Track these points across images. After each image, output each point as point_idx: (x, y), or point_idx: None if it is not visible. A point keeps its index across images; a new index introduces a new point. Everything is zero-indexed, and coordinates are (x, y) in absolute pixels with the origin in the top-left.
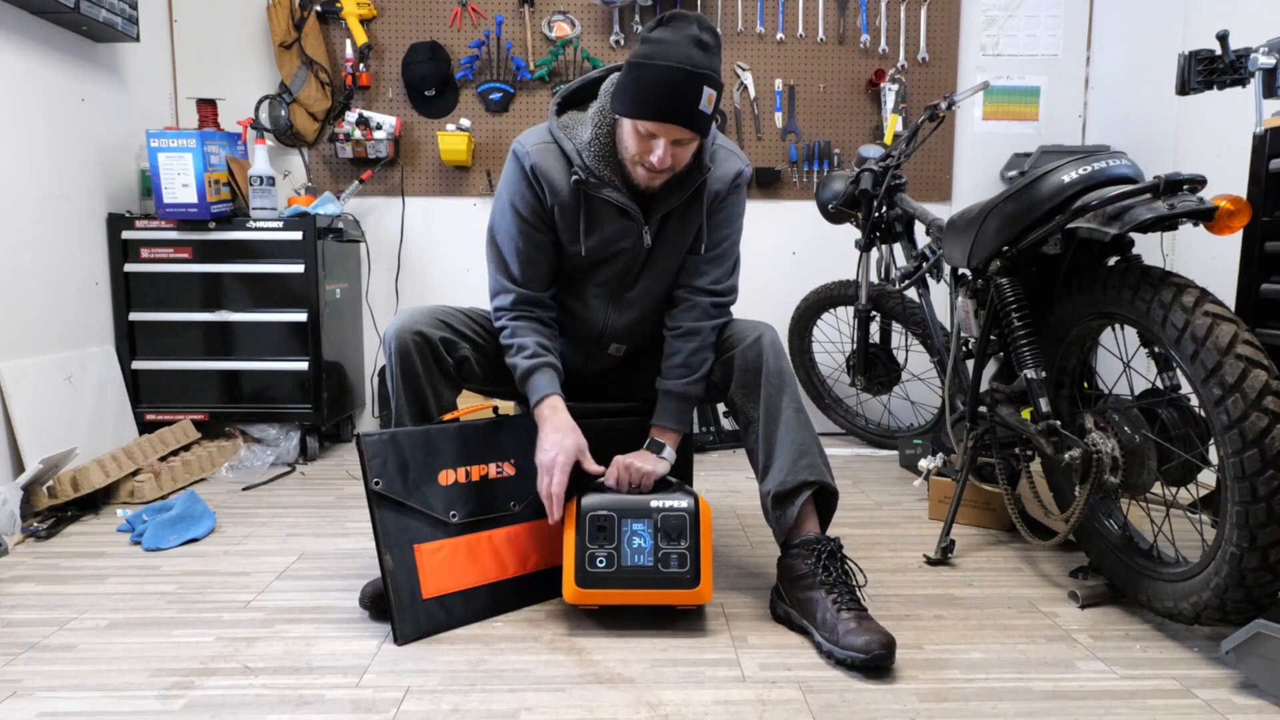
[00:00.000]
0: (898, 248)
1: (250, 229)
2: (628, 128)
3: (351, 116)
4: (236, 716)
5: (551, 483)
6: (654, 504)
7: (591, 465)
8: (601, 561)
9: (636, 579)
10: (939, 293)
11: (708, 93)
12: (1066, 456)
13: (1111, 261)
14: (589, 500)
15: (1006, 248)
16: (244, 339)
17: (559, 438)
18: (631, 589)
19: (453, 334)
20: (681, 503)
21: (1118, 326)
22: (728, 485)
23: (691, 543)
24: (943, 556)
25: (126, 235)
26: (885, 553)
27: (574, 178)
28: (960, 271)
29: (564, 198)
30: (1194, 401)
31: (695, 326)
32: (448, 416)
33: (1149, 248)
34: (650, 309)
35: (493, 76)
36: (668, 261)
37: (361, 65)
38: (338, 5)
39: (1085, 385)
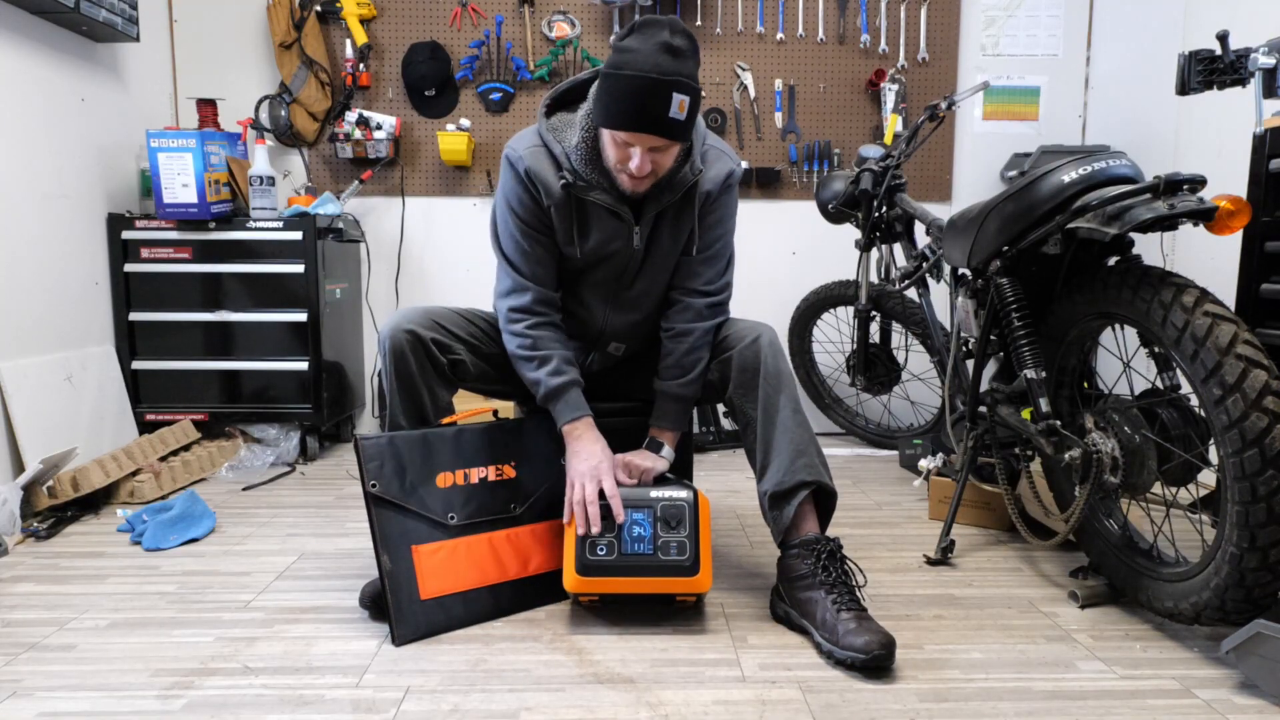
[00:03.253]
0: (898, 248)
1: (250, 229)
2: (606, 137)
3: (351, 116)
4: (236, 716)
5: (587, 490)
6: (653, 494)
7: (611, 484)
8: (602, 549)
9: (636, 566)
10: (939, 293)
11: (678, 99)
12: (1066, 456)
13: (1111, 261)
14: None
15: (1006, 248)
16: (244, 339)
17: (599, 449)
18: (631, 576)
19: (446, 335)
20: (681, 493)
21: (1118, 326)
22: (728, 485)
23: (691, 531)
24: (943, 556)
25: (126, 235)
26: (885, 553)
27: (562, 181)
28: (960, 271)
29: (557, 199)
30: (1194, 401)
31: (689, 328)
32: (447, 420)
33: (1149, 248)
34: (650, 310)
35: (493, 76)
36: (664, 263)
37: (361, 65)
38: (338, 5)
39: (1085, 385)
